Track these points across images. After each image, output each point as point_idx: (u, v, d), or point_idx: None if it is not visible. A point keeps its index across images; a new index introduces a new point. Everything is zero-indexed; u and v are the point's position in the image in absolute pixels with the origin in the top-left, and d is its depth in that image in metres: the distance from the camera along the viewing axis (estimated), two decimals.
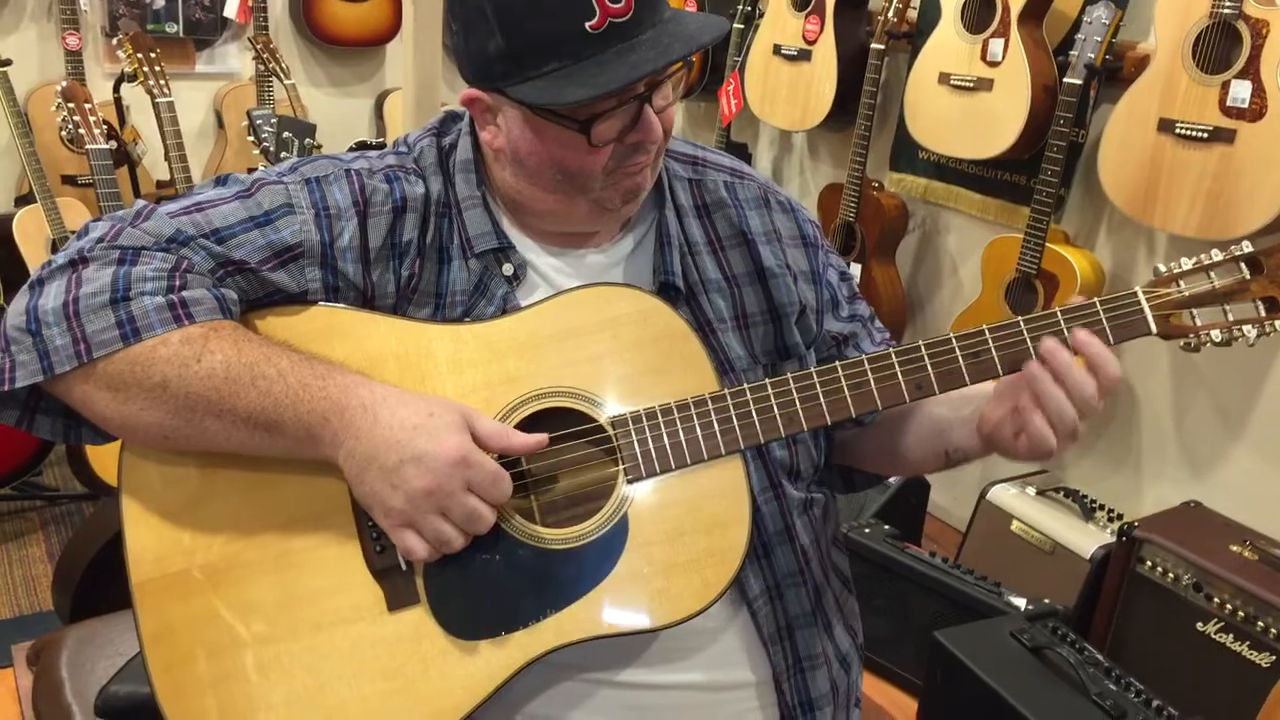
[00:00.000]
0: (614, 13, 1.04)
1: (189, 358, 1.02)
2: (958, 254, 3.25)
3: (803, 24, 3.33)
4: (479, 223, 1.18)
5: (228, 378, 1.02)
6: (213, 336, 1.04)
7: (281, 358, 1.05)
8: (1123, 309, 1.11)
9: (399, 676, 1.07)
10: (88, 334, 1.02)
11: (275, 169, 1.18)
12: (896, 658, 2.22)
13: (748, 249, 1.25)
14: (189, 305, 1.04)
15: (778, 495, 1.22)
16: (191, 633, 1.07)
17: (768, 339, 1.24)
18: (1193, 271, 1.12)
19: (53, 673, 1.73)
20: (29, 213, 3.26)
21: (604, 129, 1.09)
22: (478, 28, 1.08)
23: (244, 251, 1.09)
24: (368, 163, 1.18)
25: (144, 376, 1.02)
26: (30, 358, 1.02)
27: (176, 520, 1.09)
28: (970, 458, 1.21)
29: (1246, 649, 2.02)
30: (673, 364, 1.13)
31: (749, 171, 1.31)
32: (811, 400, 1.12)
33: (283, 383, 1.03)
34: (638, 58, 1.04)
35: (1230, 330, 1.11)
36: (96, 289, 1.03)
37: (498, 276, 1.17)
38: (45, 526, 3.19)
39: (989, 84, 2.80)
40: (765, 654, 1.20)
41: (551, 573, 1.09)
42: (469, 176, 1.19)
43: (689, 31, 1.07)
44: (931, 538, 3.02)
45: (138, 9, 3.89)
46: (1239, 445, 2.55)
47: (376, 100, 4.50)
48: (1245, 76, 2.25)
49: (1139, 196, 2.46)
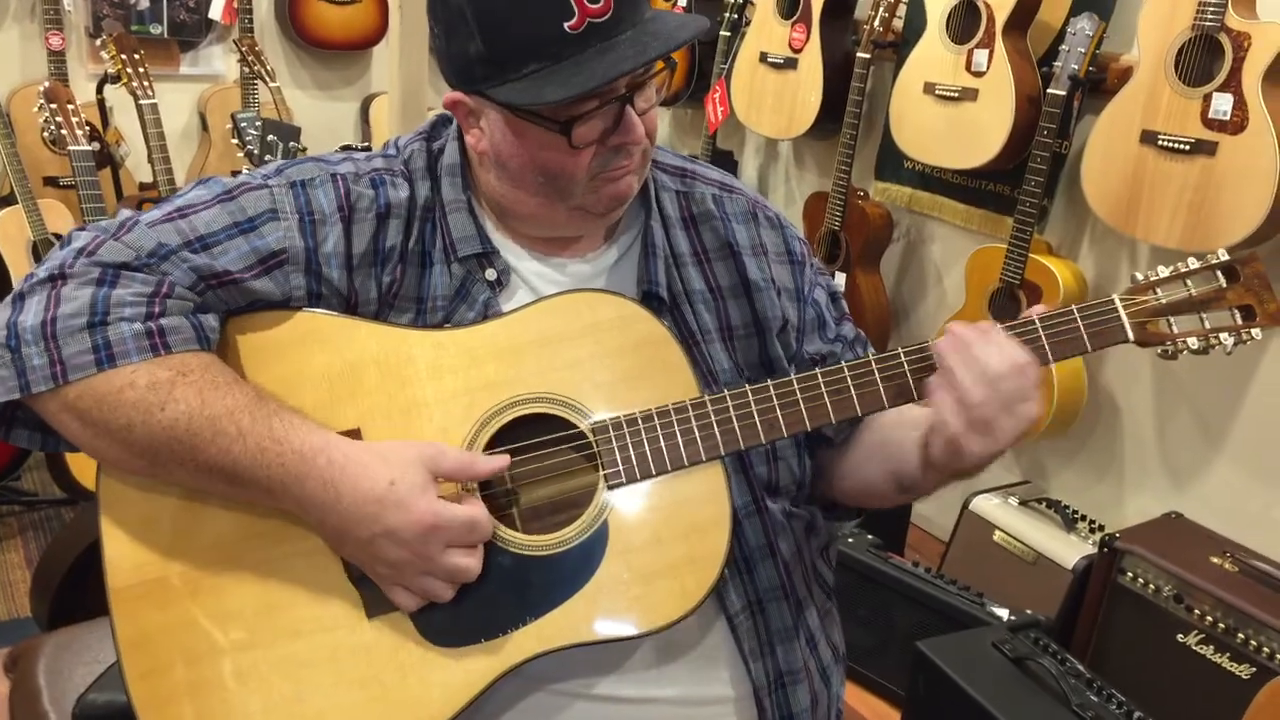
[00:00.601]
0: (593, 13, 1.04)
1: (153, 405, 1.02)
2: (942, 263, 3.26)
3: (789, 32, 3.34)
4: (463, 226, 1.17)
5: (189, 430, 1.02)
6: (179, 384, 1.02)
7: (243, 414, 1.03)
8: (1100, 316, 1.11)
9: (377, 684, 1.06)
10: (64, 356, 1.01)
11: (260, 171, 1.17)
12: (879, 668, 2.22)
13: (733, 262, 1.24)
14: (166, 334, 1.04)
15: (760, 510, 1.21)
16: (169, 640, 1.06)
17: (751, 352, 1.24)
18: (1170, 279, 1.13)
19: (30, 680, 1.71)
20: (10, 214, 3.24)
21: (585, 130, 1.08)
22: (458, 31, 1.08)
23: (228, 259, 1.08)
24: (354, 165, 1.18)
25: (110, 417, 1.02)
26: (9, 374, 1.02)
27: (155, 527, 1.08)
28: (918, 486, 1.20)
29: (1227, 660, 2.03)
30: (654, 370, 1.13)
31: (738, 186, 1.31)
32: (792, 406, 1.11)
33: (241, 443, 1.02)
34: (616, 56, 1.04)
35: (1207, 338, 1.12)
36: (75, 310, 1.02)
37: (480, 281, 1.17)
38: (23, 532, 3.16)
39: (973, 94, 2.81)
40: (746, 669, 1.20)
41: (532, 579, 1.08)
42: (455, 180, 1.18)
43: (668, 30, 1.07)
44: (914, 547, 3.02)
45: (122, 10, 3.87)
46: (1220, 457, 2.56)
47: (362, 104, 4.49)
48: (1227, 89, 2.26)
49: (1121, 208, 2.47)
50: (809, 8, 3.27)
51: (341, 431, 1.09)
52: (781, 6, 3.37)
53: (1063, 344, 1.12)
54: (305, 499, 1.03)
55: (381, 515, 1.02)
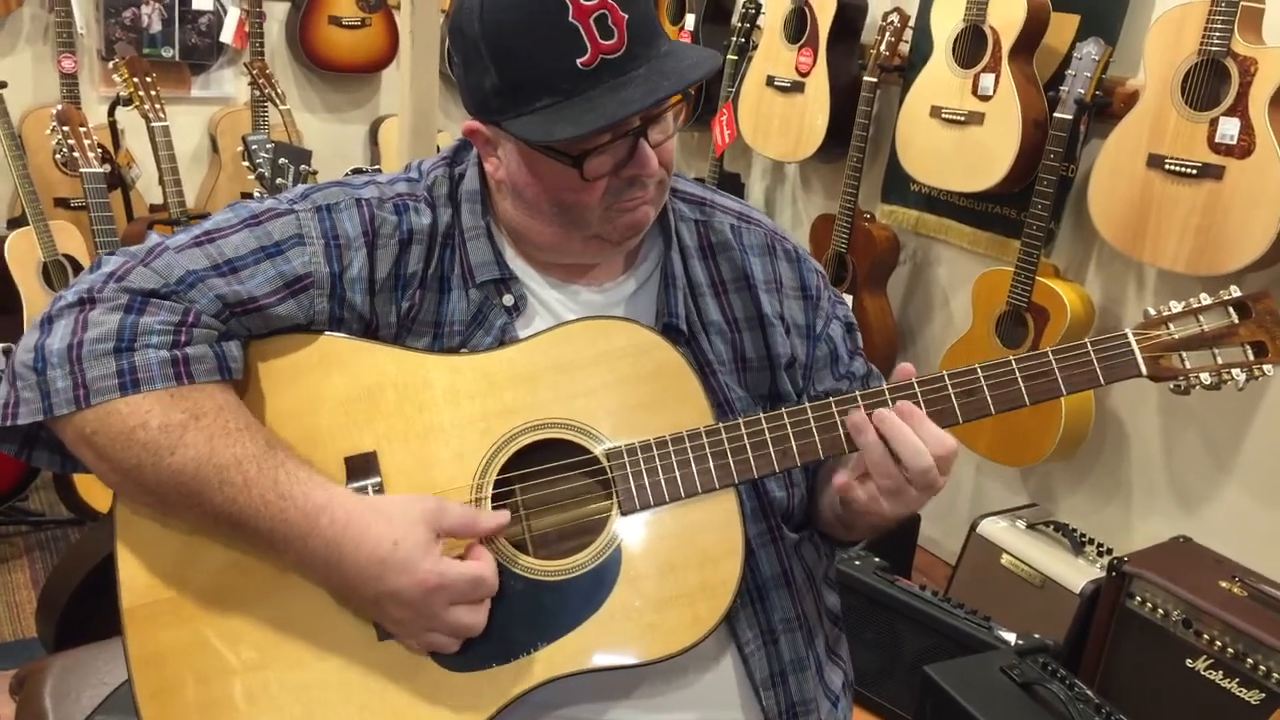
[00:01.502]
0: (605, 49, 1.05)
1: (163, 448, 1.02)
2: (949, 286, 3.27)
3: (796, 56, 3.36)
4: (481, 252, 1.18)
5: (196, 477, 1.03)
6: (190, 428, 1.03)
7: (251, 465, 1.03)
8: (1113, 350, 1.12)
9: (387, 707, 1.06)
10: (88, 379, 1.02)
11: (285, 196, 1.18)
12: (886, 692, 2.21)
13: (749, 294, 1.25)
14: (190, 363, 1.04)
15: (775, 539, 1.21)
16: (180, 659, 1.06)
17: (762, 385, 1.24)
18: (1182, 315, 1.13)
19: (36, 702, 1.71)
20: (21, 235, 3.25)
21: (597, 164, 1.09)
22: (475, 63, 1.09)
23: (254, 284, 1.09)
24: (378, 190, 1.18)
25: (122, 455, 1.03)
26: (34, 395, 1.03)
27: (169, 546, 1.08)
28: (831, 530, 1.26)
29: (1236, 686, 2.02)
30: (668, 398, 1.13)
31: (757, 217, 1.31)
32: (805, 435, 1.12)
33: (246, 494, 1.03)
34: (628, 95, 1.05)
35: (1219, 373, 1.13)
36: (101, 334, 1.03)
37: (497, 307, 1.17)
38: (30, 552, 3.16)
39: (980, 118, 2.82)
40: (756, 698, 1.19)
41: (543, 605, 1.08)
42: (474, 207, 1.19)
43: (681, 69, 1.07)
44: (921, 570, 3.02)
45: (134, 33, 3.90)
46: (1229, 481, 2.55)
47: (371, 127, 4.51)
48: (1234, 114, 2.27)
49: (1128, 231, 2.48)
50: (816, 32, 3.29)
51: (358, 454, 1.10)
52: (788, 30, 3.39)
53: (1076, 377, 1.12)
54: (307, 556, 1.04)
55: (385, 576, 1.02)
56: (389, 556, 1.02)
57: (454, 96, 4.56)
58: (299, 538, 1.03)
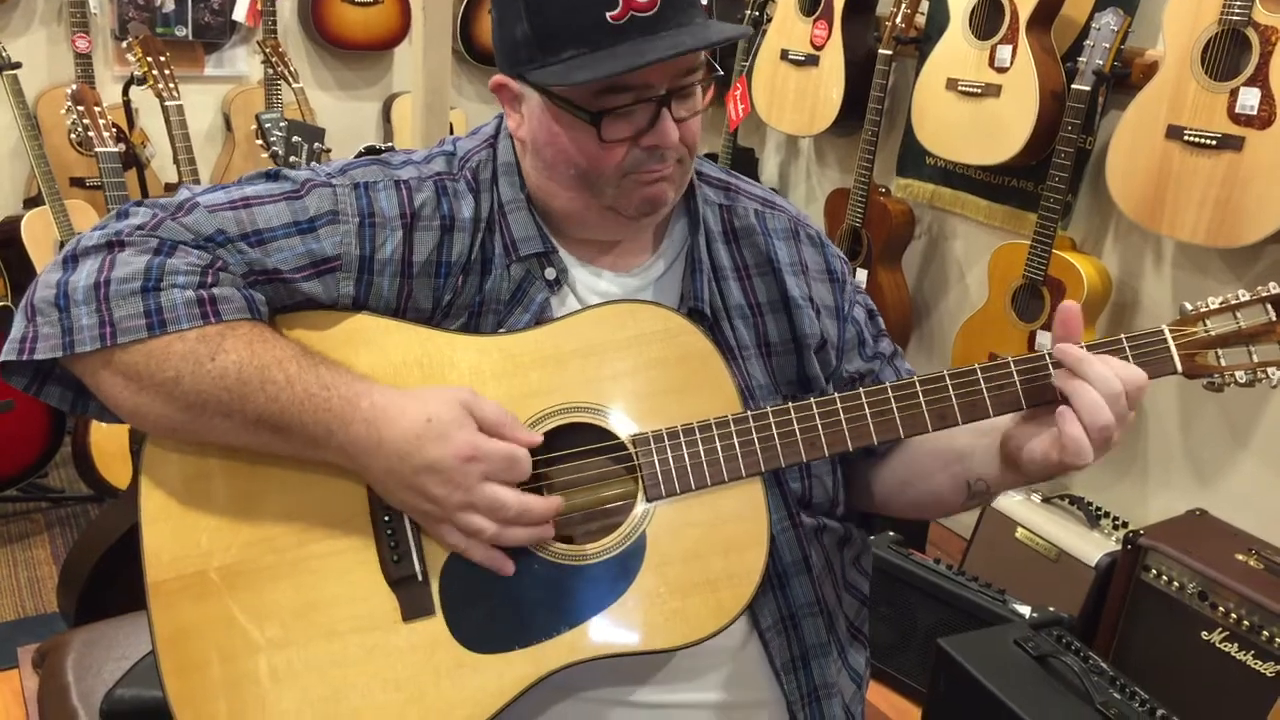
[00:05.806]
0: (637, 6, 1.05)
1: (203, 356, 1.03)
2: (964, 260, 3.25)
3: (810, 29, 3.34)
4: (523, 226, 1.18)
5: (239, 379, 1.03)
6: (229, 334, 1.04)
7: (291, 363, 1.05)
8: (1149, 346, 1.12)
9: (411, 687, 1.07)
10: (115, 318, 1.02)
11: (324, 169, 1.18)
12: (900, 665, 2.22)
13: (774, 278, 1.24)
14: (218, 303, 1.05)
15: (794, 525, 1.21)
16: (206, 636, 1.07)
17: (788, 369, 1.24)
18: (1219, 311, 1.12)
19: (58, 676, 1.73)
20: (37, 215, 3.27)
21: (616, 126, 1.09)
22: (509, 15, 1.10)
23: (280, 258, 1.10)
24: (415, 170, 1.18)
25: (158, 370, 1.03)
26: (54, 331, 1.03)
27: (195, 521, 1.09)
28: (991, 489, 1.19)
29: (1251, 658, 2.02)
30: (696, 384, 1.13)
31: (781, 202, 1.31)
32: (834, 425, 1.11)
33: (290, 390, 1.04)
34: (648, 47, 1.05)
35: (1255, 371, 1.11)
36: (129, 274, 1.03)
37: (539, 280, 1.17)
38: (50, 528, 3.20)
39: (996, 90, 2.80)
40: (778, 682, 1.20)
41: (567, 588, 1.09)
42: (512, 179, 1.19)
43: (707, 33, 1.08)
44: (936, 544, 3.02)
45: (147, 12, 3.90)
46: (1245, 454, 2.55)
47: (384, 104, 4.50)
48: (1254, 84, 2.25)
49: (1147, 203, 2.46)
50: (830, 4, 3.27)
51: None
52: (803, 3, 3.36)
53: None
54: (350, 443, 1.04)
55: (422, 449, 1.03)
56: (425, 431, 1.03)
57: (466, 74, 4.55)
58: (341, 425, 1.04)
